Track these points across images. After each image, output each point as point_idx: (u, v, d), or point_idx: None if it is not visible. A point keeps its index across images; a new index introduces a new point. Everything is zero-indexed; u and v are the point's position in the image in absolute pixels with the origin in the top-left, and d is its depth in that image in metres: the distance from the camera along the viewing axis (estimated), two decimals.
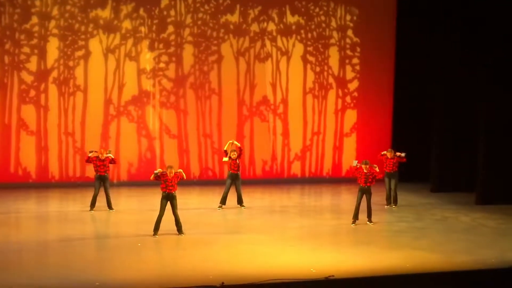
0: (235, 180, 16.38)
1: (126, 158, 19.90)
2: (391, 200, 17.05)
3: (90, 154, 15.90)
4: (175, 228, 13.60)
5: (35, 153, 19.24)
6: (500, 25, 17.40)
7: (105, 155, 15.76)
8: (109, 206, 15.84)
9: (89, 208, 15.68)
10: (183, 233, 13.41)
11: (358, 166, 14.80)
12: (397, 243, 13.34)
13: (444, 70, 19.45)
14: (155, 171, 13.59)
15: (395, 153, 16.87)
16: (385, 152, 17.04)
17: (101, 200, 15.88)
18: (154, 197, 17.14)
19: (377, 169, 14.66)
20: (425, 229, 14.62)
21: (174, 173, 13.43)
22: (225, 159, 16.48)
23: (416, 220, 15.56)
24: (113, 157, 15.98)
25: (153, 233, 13.31)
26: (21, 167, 19.17)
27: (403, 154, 16.89)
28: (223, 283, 10.14)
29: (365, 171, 14.62)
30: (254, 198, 18.28)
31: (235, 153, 16.32)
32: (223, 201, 16.40)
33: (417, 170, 20.80)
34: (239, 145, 16.59)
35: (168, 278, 10.72)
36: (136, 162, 19.98)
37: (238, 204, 16.56)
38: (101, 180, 15.75)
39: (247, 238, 13.34)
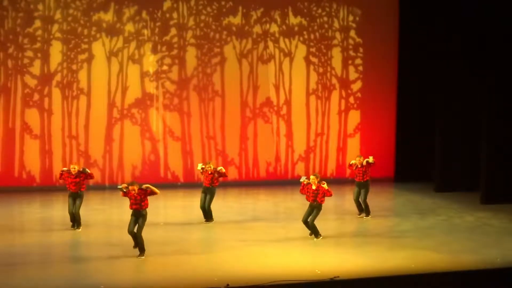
0: (207, 193, 15.05)
1: (130, 160, 19.92)
2: (361, 208, 15.75)
3: (62, 171, 14.29)
4: (178, 230, 13.60)
5: (39, 156, 19.28)
6: (504, 25, 17.37)
7: (76, 169, 13.97)
8: (77, 224, 14.14)
9: (71, 225, 14.24)
10: (143, 256, 12.03)
11: (306, 183, 13.50)
12: (402, 243, 13.33)
13: (447, 70, 19.43)
14: (119, 186, 12.35)
15: (363, 160, 15.58)
16: (353, 161, 15.81)
17: (105, 203, 15.87)
18: (158, 200, 17.17)
19: (325, 186, 13.37)
20: (429, 229, 14.61)
21: (139, 190, 12.06)
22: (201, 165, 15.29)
23: (421, 220, 15.55)
24: (89, 172, 14.20)
25: (134, 245, 12.26)
26: (25, 170, 19.21)
27: (370, 159, 15.59)
28: (228, 285, 10.15)
29: (313, 187, 13.36)
30: (258, 199, 18.28)
31: (211, 166, 15.04)
32: (204, 215, 15.08)
33: (421, 169, 20.83)
34: (223, 170, 15.20)
35: (173, 280, 10.73)
36: (140, 164, 19.99)
37: (204, 217, 15.09)
38: (73, 198, 14.08)
39: (251, 240, 13.33)
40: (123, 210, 16.71)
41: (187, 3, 20.04)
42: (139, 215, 12.11)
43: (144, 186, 12.15)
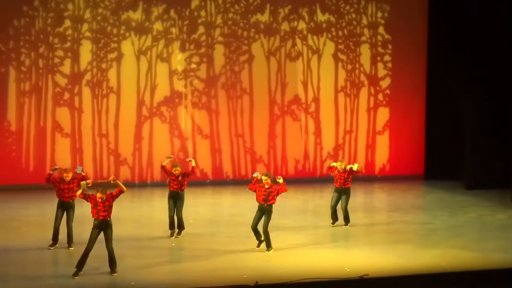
0: (176, 199, 13.44)
1: (159, 158, 20.01)
2: (336, 217, 14.59)
3: (52, 172, 12.71)
4: (207, 227, 13.58)
5: (70, 154, 19.48)
6: None
7: (70, 176, 12.40)
8: (69, 242, 12.54)
9: (50, 243, 12.62)
10: (115, 273, 10.86)
11: (259, 178, 12.19)
12: (432, 241, 13.24)
13: (478, 66, 19.20)
14: (78, 193, 10.95)
15: (346, 165, 14.18)
16: (334, 163, 14.35)
17: (132, 203, 15.94)
18: (187, 197, 17.22)
19: (281, 181, 12.28)
20: (460, 227, 14.48)
21: (108, 194, 10.55)
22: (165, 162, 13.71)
23: (451, 218, 15.42)
24: (83, 174, 12.70)
25: (75, 270, 10.65)
26: None
27: (355, 167, 14.11)
28: (257, 282, 10.17)
29: (266, 186, 12.16)
30: (286, 197, 18.19)
31: (179, 169, 13.38)
32: (171, 226, 13.42)
33: (452, 167, 20.60)
34: (194, 165, 13.71)
35: (203, 277, 10.78)
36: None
37: (177, 228, 13.39)
38: (64, 209, 12.52)
39: (280, 237, 13.32)
40: (152, 208, 16.85)
41: (215, 1, 20.08)
42: (106, 226, 10.63)
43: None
